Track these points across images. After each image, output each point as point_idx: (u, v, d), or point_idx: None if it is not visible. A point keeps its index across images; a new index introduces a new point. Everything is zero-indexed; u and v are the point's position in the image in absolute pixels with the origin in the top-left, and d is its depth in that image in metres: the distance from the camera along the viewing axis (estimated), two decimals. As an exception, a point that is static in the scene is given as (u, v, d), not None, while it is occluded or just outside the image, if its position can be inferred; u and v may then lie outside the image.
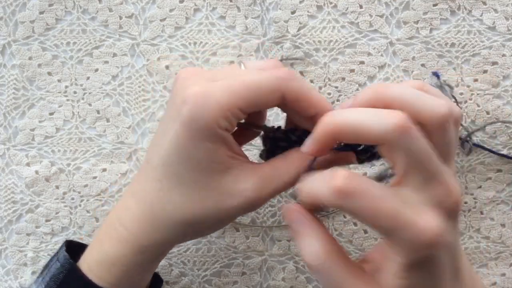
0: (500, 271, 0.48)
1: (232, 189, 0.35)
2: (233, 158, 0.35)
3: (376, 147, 0.36)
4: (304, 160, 0.36)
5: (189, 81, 0.34)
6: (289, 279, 0.49)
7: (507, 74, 0.48)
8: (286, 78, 0.34)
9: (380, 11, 0.48)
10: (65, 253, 0.39)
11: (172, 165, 0.35)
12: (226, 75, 0.35)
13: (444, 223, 0.30)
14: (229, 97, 0.33)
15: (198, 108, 0.33)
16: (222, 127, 0.34)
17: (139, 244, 0.36)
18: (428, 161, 0.30)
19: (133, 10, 0.49)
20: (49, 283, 0.38)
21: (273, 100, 0.34)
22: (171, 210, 0.35)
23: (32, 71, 0.50)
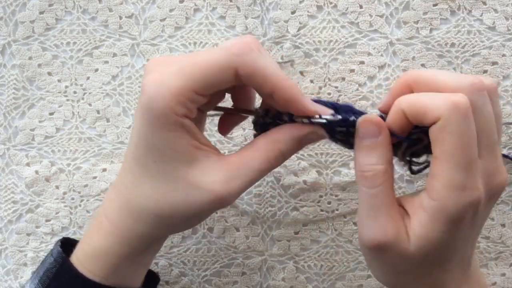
0: (500, 271, 0.48)
1: (200, 182, 0.34)
2: (198, 149, 0.34)
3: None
4: (272, 144, 0.35)
5: (150, 69, 0.34)
6: (289, 279, 0.49)
7: (507, 74, 0.48)
8: (238, 53, 0.33)
9: (380, 11, 0.48)
10: (59, 248, 0.39)
11: (140, 157, 0.34)
12: (184, 58, 0.34)
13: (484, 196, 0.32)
14: (181, 81, 0.32)
15: (152, 95, 0.32)
16: (179, 114, 0.32)
17: (121, 235, 0.36)
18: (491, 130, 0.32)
19: (133, 10, 0.49)
20: (42, 277, 0.38)
21: (227, 78, 0.33)
22: (143, 202, 0.35)
23: (32, 71, 0.50)
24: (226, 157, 0.35)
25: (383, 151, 0.33)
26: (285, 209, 0.49)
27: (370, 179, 0.33)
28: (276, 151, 0.35)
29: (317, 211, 0.48)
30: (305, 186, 0.48)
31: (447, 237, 0.32)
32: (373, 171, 0.33)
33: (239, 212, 0.49)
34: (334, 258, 0.49)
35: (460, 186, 0.31)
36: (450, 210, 0.31)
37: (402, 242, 0.32)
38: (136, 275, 0.40)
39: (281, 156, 0.35)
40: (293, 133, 0.35)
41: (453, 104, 0.30)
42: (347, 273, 0.49)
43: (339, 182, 0.48)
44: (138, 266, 0.39)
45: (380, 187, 0.33)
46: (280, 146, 0.35)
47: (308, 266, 0.49)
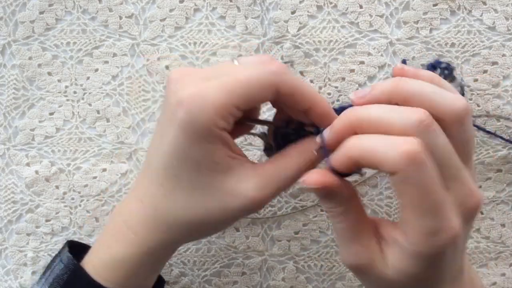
0: (500, 271, 0.48)
1: (235, 189, 0.35)
2: (233, 158, 0.35)
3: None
4: (304, 154, 0.36)
5: (182, 82, 0.34)
6: (289, 279, 0.49)
7: (507, 74, 0.48)
8: (280, 72, 0.34)
9: (380, 11, 0.48)
10: (69, 254, 0.39)
11: (172, 168, 0.35)
12: (219, 73, 0.35)
13: (462, 224, 0.31)
14: (224, 96, 0.33)
15: (194, 110, 0.33)
16: (219, 127, 0.33)
17: (146, 245, 0.37)
18: (451, 159, 0.31)
19: (133, 10, 0.49)
20: (52, 284, 0.38)
21: (267, 95, 0.34)
22: (174, 213, 0.35)
23: (32, 71, 0.50)
24: (260, 165, 0.36)
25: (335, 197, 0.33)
26: (285, 209, 0.49)
27: (333, 218, 0.34)
28: (307, 161, 0.36)
29: (317, 211, 0.48)
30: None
31: (429, 270, 0.32)
32: (333, 212, 0.34)
33: (239, 212, 0.49)
34: (334, 258, 0.49)
35: (433, 231, 0.30)
36: (427, 254, 0.31)
37: (378, 266, 0.32)
38: (151, 280, 0.40)
39: (311, 164, 0.36)
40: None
41: (407, 156, 0.29)
42: (347, 273, 0.49)
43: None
44: (154, 272, 0.40)
45: (344, 222, 0.33)
46: (311, 156, 0.36)
47: (308, 266, 0.49)
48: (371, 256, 0.33)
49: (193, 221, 0.35)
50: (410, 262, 0.31)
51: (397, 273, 0.32)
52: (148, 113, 0.49)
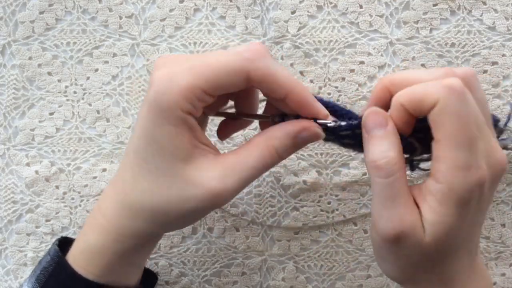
0: (500, 271, 0.48)
1: (195, 178, 0.34)
2: (197, 147, 0.35)
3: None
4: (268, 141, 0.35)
5: (159, 65, 0.34)
6: (289, 279, 0.49)
7: (507, 74, 0.48)
8: (251, 58, 0.34)
9: (380, 11, 0.48)
10: (56, 246, 0.39)
11: (140, 151, 0.35)
12: (196, 58, 0.35)
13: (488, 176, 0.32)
14: (191, 78, 0.33)
15: (160, 89, 0.33)
16: (184, 110, 0.33)
17: (116, 232, 0.36)
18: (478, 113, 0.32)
19: (133, 10, 0.49)
20: (39, 276, 0.39)
21: (238, 82, 0.34)
22: (139, 197, 0.35)
23: (32, 71, 0.50)
24: (223, 155, 0.36)
25: (394, 139, 0.34)
26: (285, 209, 0.49)
27: (384, 168, 0.33)
28: (271, 148, 0.35)
29: (317, 211, 0.48)
30: (305, 186, 0.48)
31: (457, 220, 0.32)
32: (386, 158, 0.33)
33: (239, 212, 0.49)
34: (334, 258, 0.49)
35: (465, 165, 0.31)
36: (457, 190, 0.31)
37: (418, 231, 0.33)
38: (131, 274, 0.40)
39: (275, 153, 0.35)
40: (287, 129, 0.35)
41: (447, 87, 0.31)
42: (347, 273, 0.49)
43: (339, 182, 0.48)
44: (132, 264, 0.39)
45: (395, 176, 0.33)
46: (274, 143, 0.35)
47: (308, 266, 0.49)
48: (415, 220, 0.33)
49: (155, 209, 0.35)
50: (442, 210, 0.32)
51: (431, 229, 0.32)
52: (148, 113, 0.49)
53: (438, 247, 0.33)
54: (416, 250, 0.33)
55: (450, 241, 0.33)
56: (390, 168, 0.33)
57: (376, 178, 0.33)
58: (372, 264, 0.48)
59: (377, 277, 0.48)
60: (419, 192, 0.34)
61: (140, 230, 0.36)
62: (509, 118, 0.43)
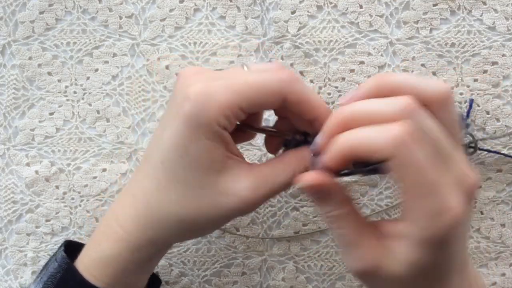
0: (500, 271, 0.48)
1: (228, 188, 0.35)
2: (230, 158, 0.35)
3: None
4: (300, 160, 0.36)
5: (191, 79, 0.35)
6: (289, 279, 0.49)
7: (507, 74, 0.48)
8: (289, 80, 0.34)
9: (380, 11, 0.48)
10: (63, 253, 0.39)
11: (170, 162, 0.35)
12: (229, 75, 0.35)
13: (465, 206, 0.31)
14: (231, 96, 0.33)
15: (199, 105, 0.33)
16: (221, 125, 0.34)
17: (134, 242, 0.36)
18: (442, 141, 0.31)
19: (133, 10, 0.49)
20: (46, 282, 0.38)
21: (274, 102, 0.35)
22: (166, 209, 0.35)
23: (32, 71, 0.50)
24: (256, 166, 0.36)
25: (333, 199, 0.34)
26: (285, 209, 0.49)
27: (332, 223, 0.34)
28: (302, 168, 0.36)
29: (317, 211, 0.48)
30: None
31: (437, 257, 0.32)
32: (331, 217, 0.34)
33: (239, 212, 0.49)
34: (334, 258, 0.49)
35: (435, 212, 0.30)
36: (435, 236, 0.31)
37: (387, 266, 0.32)
38: (141, 280, 0.40)
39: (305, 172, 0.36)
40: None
41: (396, 140, 0.29)
42: (347, 273, 0.49)
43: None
44: (144, 271, 0.39)
45: (344, 227, 0.33)
46: (306, 163, 0.36)
47: (308, 266, 0.49)
48: (377, 257, 0.33)
49: (185, 218, 0.35)
50: (419, 252, 0.31)
51: (407, 267, 0.32)
52: (148, 113, 0.49)
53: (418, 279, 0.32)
54: (392, 282, 0.33)
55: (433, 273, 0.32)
56: (338, 223, 0.33)
57: (331, 229, 0.35)
58: (372, 264, 0.48)
59: (377, 277, 0.48)
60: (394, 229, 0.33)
61: (160, 238, 0.37)
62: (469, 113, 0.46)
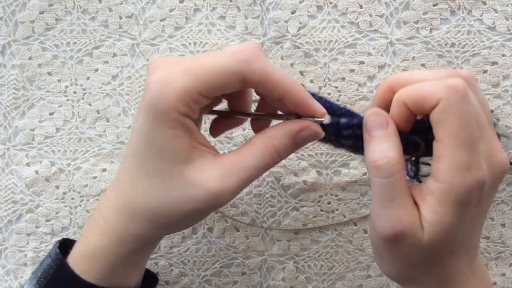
0: (500, 271, 0.48)
1: (195, 179, 0.34)
2: (195, 148, 0.35)
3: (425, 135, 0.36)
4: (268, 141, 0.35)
5: (154, 68, 0.34)
6: (289, 279, 0.49)
7: (507, 74, 0.48)
8: (247, 60, 0.33)
9: (380, 11, 0.48)
10: (57, 249, 0.39)
11: (139, 154, 0.35)
12: (189, 60, 0.35)
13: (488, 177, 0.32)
14: (187, 81, 0.33)
15: (157, 93, 0.33)
16: (181, 112, 0.33)
17: (117, 235, 0.36)
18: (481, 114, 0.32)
19: (133, 10, 0.49)
20: (40, 278, 0.39)
21: (234, 83, 0.34)
22: (140, 200, 0.35)
23: (32, 71, 0.50)
24: (222, 155, 0.36)
25: (394, 140, 0.34)
26: (285, 209, 0.49)
27: (384, 168, 0.33)
28: (271, 147, 0.35)
29: (317, 211, 0.48)
30: (305, 186, 0.48)
31: (456, 220, 0.32)
32: (386, 158, 0.33)
33: (239, 212, 0.49)
34: (334, 258, 0.49)
35: (465, 165, 0.31)
36: (457, 190, 0.31)
37: (417, 231, 0.33)
38: (132, 276, 0.40)
39: (276, 152, 0.35)
40: (287, 128, 0.35)
41: (450, 86, 0.31)
42: (347, 273, 0.49)
43: (339, 182, 0.48)
44: (133, 266, 0.39)
45: (394, 176, 0.33)
46: (274, 142, 0.35)
47: (308, 266, 0.49)
48: (413, 220, 0.33)
49: (156, 211, 0.35)
50: (441, 209, 0.32)
51: (431, 229, 0.32)
52: (148, 113, 0.49)
53: (436, 247, 0.33)
54: (415, 250, 0.33)
55: (449, 241, 0.33)
56: (390, 169, 0.33)
57: (376, 178, 0.33)
58: (372, 264, 0.48)
59: (377, 277, 0.48)
60: (419, 191, 0.34)
61: (141, 232, 0.36)
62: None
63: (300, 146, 0.36)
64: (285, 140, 0.35)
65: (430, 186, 0.32)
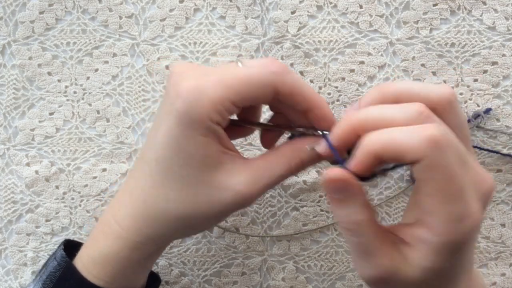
0: (500, 271, 0.48)
1: (225, 183, 0.35)
2: (225, 153, 0.35)
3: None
4: (295, 152, 0.36)
5: (182, 75, 0.34)
6: (289, 279, 0.49)
7: (507, 74, 0.48)
8: (280, 72, 0.34)
9: (380, 11, 0.48)
10: (62, 251, 0.39)
11: (165, 159, 0.35)
12: (220, 70, 0.35)
13: (482, 210, 0.31)
14: (222, 91, 0.33)
15: (191, 101, 0.33)
16: (214, 121, 0.34)
17: (132, 240, 0.36)
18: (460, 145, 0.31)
19: (133, 10, 0.49)
20: (45, 281, 0.38)
21: (266, 94, 0.34)
22: (163, 206, 0.35)
23: (32, 71, 0.50)
24: (251, 160, 0.36)
25: (358, 201, 0.32)
26: (285, 209, 0.49)
27: (352, 231, 0.32)
28: (298, 159, 0.36)
29: (317, 211, 0.48)
30: (305, 186, 0.48)
31: (453, 264, 0.32)
32: (352, 222, 0.32)
33: (239, 212, 0.49)
34: (334, 258, 0.49)
35: (459, 217, 0.30)
36: (454, 242, 0.30)
37: (402, 272, 0.32)
38: (139, 278, 0.40)
39: (301, 164, 0.36)
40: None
41: (431, 141, 0.29)
42: (347, 273, 0.49)
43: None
44: (143, 269, 0.40)
45: (363, 236, 0.32)
46: (302, 155, 0.36)
47: (308, 266, 0.49)
48: (394, 264, 0.32)
49: (182, 215, 0.35)
50: (436, 257, 0.31)
51: (423, 273, 0.31)
52: (148, 113, 0.49)
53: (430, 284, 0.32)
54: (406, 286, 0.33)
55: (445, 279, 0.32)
56: (358, 230, 0.32)
57: (347, 237, 0.33)
58: (372, 264, 0.48)
59: (377, 277, 0.48)
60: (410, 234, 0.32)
61: (159, 236, 0.37)
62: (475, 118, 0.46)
63: (321, 161, 0.37)
64: (312, 154, 0.36)
65: (422, 235, 0.31)
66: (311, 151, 0.36)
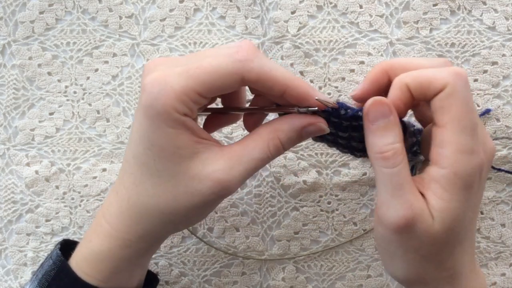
0: (500, 271, 0.48)
1: (201, 173, 0.34)
2: (199, 143, 0.35)
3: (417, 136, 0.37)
4: (273, 132, 0.35)
5: (150, 69, 0.34)
6: (289, 279, 0.49)
7: (507, 74, 0.48)
8: (244, 60, 0.34)
9: (380, 11, 0.48)
10: (58, 251, 0.39)
11: (140, 155, 0.35)
12: (186, 61, 0.35)
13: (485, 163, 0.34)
14: (185, 81, 0.33)
15: (154, 93, 0.33)
16: (181, 112, 0.33)
17: (122, 238, 0.37)
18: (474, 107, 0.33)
19: (133, 10, 0.49)
20: (41, 280, 0.39)
21: (232, 83, 0.34)
22: (145, 202, 0.35)
23: (32, 71, 0.50)
24: (228, 146, 0.36)
25: (397, 130, 0.34)
26: (285, 209, 0.49)
27: (391, 159, 0.33)
28: (276, 140, 0.35)
29: (317, 211, 0.48)
30: (305, 186, 0.48)
31: (463, 205, 0.33)
32: (392, 150, 0.33)
33: (239, 212, 0.49)
34: (334, 258, 0.49)
35: (468, 149, 0.32)
36: (462, 175, 0.32)
37: (427, 217, 0.33)
38: (134, 277, 0.40)
39: (280, 145, 0.36)
40: (294, 123, 0.36)
41: (456, 73, 0.32)
42: (347, 273, 0.49)
43: (339, 182, 0.48)
44: (137, 267, 0.39)
45: (401, 165, 0.33)
46: (280, 135, 0.35)
47: (308, 266, 0.49)
48: (423, 205, 0.33)
49: (165, 210, 0.35)
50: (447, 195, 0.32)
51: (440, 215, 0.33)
52: (148, 113, 0.49)
53: (447, 235, 0.33)
54: (426, 239, 0.33)
55: (458, 228, 0.33)
56: (397, 158, 0.33)
57: (383, 169, 0.33)
58: (372, 264, 0.48)
59: (377, 277, 0.48)
60: (421, 181, 0.34)
61: (148, 232, 0.37)
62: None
63: (304, 140, 0.37)
64: (290, 133, 0.36)
65: (433, 174, 0.33)
66: (290, 130, 0.35)
